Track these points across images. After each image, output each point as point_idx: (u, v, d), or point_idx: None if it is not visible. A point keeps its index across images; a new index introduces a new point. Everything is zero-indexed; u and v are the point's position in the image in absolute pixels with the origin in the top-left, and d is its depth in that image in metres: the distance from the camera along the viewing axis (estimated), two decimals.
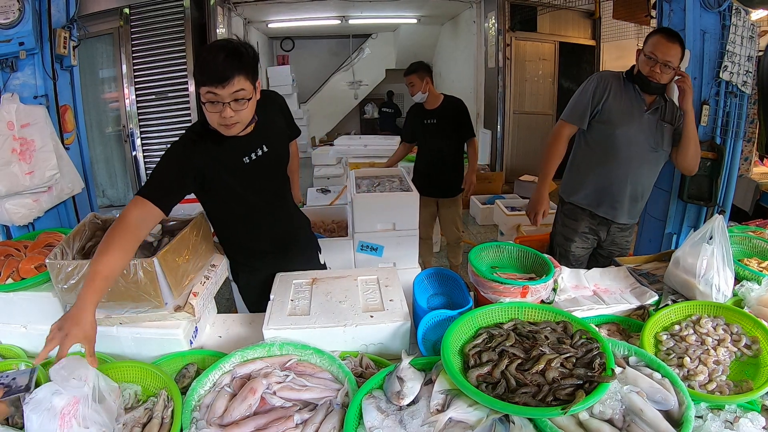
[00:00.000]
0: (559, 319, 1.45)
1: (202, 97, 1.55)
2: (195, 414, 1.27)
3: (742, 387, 1.34)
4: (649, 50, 2.29)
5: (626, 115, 2.40)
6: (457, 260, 4.43)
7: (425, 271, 2.02)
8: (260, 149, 1.79)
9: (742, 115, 2.82)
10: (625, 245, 2.67)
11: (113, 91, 6.35)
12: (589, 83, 2.47)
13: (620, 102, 2.41)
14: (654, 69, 2.28)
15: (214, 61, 1.51)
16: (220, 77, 1.50)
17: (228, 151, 1.72)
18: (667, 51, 2.25)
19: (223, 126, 1.59)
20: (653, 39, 2.30)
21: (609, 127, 2.42)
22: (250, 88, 1.57)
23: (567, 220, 2.66)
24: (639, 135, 2.40)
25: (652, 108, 2.41)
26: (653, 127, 2.41)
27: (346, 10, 8.82)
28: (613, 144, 2.43)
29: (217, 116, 1.57)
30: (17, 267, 1.62)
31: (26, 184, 2.49)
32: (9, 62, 2.61)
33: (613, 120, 2.41)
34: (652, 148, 2.43)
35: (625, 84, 2.43)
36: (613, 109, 2.41)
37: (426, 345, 1.59)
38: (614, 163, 2.45)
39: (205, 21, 6.61)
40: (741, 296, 1.72)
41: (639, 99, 2.40)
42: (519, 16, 7.28)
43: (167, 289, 1.49)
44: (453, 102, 3.95)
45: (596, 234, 2.62)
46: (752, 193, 4.43)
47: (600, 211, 2.55)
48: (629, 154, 2.43)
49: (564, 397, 1.13)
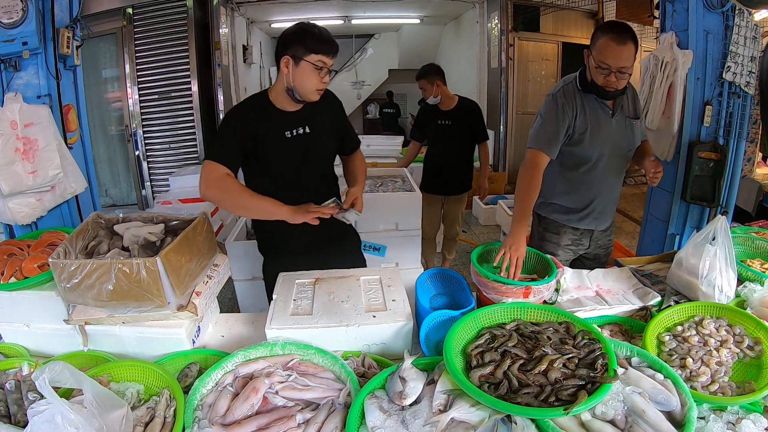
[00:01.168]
0: (562, 320, 1.45)
1: (310, 63, 1.83)
2: (197, 413, 1.27)
3: (745, 388, 1.34)
4: (600, 59, 2.03)
5: (595, 130, 2.19)
6: (450, 254, 4.52)
7: (428, 271, 2.02)
8: (302, 128, 1.98)
9: (745, 115, 2.81)
10: (609, 244, 2.54)
11: (116, 91, 6.37)
12: (558, 109, 2.18)
13: (586, 119, 2.18)
14: (609, 79, 2.05)
15: (328, 36, 1.85)
16: (334, 49, 1.87)
17: (274, 123, 1.94)
18: (618, 57, 2.01)
19: (318, 91, 1.90)
20: (601, 43, 2.03)
21: (584, 149, 2.21)
22: None
23: (548, 234, 2.43)
24: (613, 143, 2.23)
25: (617, 109, 2.22)
26: (623, 129, 2.25)
27: (349, 10, 8.82)
28: (589, 164, 2.24)
29: (317, 81, 1.87)
30: (20, 266, 1.62)
31: (29, 183, 2.50)
32: (12, 62, 2.61)
33: (585, 137, 2.19)
34: (627, 151, 2.31)
35: (583, 94, 2.19)
36: (582, 130, 2.18)
37: (428, 345, 1.59)
38: (597, 182, 2.29)
39: (208, 21, 6.62)
40: (744, 297, 1.71)
41: (602, 106, 2.20)
42: (522, 16, 7.28)
43: (170, 288, 1.49)
44: (468, 104, 3.94)
45: (579, 243, 2.44)
46: (755, 194, 4.43)
47: (582, 225, 2.38)
48: (607, 167, 2.27)
49: (566, 398, 1.13)
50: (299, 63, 1.83)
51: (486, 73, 7.94)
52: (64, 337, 1.62)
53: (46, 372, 1.10)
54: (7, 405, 1.29)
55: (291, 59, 1.84)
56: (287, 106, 1.96)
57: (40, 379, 1.07)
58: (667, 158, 3.05)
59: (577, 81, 2.21)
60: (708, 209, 2.98)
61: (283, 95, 1.94)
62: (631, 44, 2.01)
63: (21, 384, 1.33)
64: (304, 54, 1.82)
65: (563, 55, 7.62)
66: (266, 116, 1.93)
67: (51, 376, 1.11)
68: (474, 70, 8.43)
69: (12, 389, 1.32)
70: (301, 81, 1.86)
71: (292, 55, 1.84)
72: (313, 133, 2.00)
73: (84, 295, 1.46)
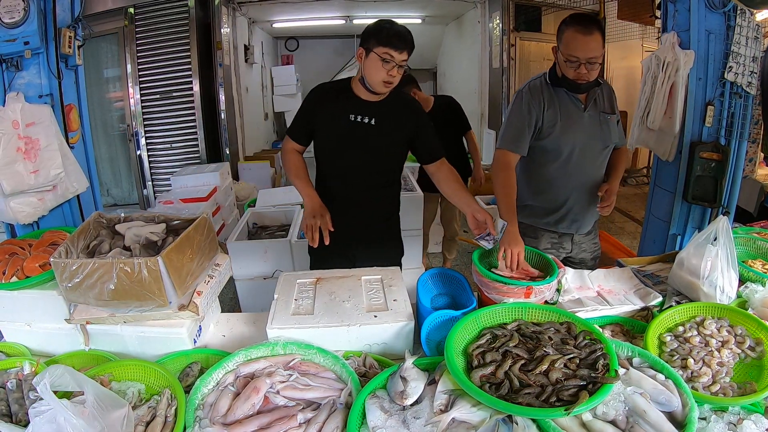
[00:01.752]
0: (563, 320, 1.45)
1: (378, 54, 1.94)
2: (198, 413, 1.27)
3: (746, 389, 1.34)
4: (568, 52, 2.02)
5: (566, 123, 2.16)
6: (451, 254, 4.56)
7: (429, 271, 2.02)
8: (368, 118, 2.10)
9: (747, 116, 2.80)
10: (595, 248, 2.49)
11: (118, 91, 6.38)
12: (522, 104, 2.19)
13: (556, 112, 2.16)
14: (579, 71, 2.04)
15: (401, 32, 1.96)
16: (404, 46, 1.96)
17: (342, 104, 2.10)
18: (586, 47, 1.99)
19: (385, 83, 1.99)
20: (567, 35, 2.03)
21: (554, 143, 2.19)
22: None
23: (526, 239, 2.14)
24: (585, 139, 2.19)
25: (590, 103, 2.19)
26: (597, 124, 2.21)
27: (351, 10, 8.81)
28: (563, 159, 2.22)
29: (384, 73, 1.97)
30: (22, 265, 1.63)
31: (31, 182, 2.50)
32: (14, 61, 2.61)
33: (555, 134, 2.17)
34: (601, 147, 2.25)
35: (554, 89, 2.18)
36: (552, 123, 2.17)
37: (429, 345, 1.59)
38: (567, 177, 2.24)
39: (210, 21, 6.62)
40: (745, 298, 1.71)
41: (573, 100, 2.18)
42: (523, 16, 7.27)
43: (171, 288, 1.49)
44: (445, 101, 4.04)
45: (560, 247, 2.39)
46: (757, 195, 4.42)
47: (561, 228, 2.35)
48: (581, 163, 2.22)
49: (567, 398, 1.13)
50: (369, 54, 1.98)
51: (488, 73, 7.93)
52: (66, 337, 1.62)
53: (46, 377, 1.11)
54: (9, 404, 1.29)
55: (363, 50, 2.01)
56: (363, 93, 2.10)
57: (41, 385, 1.08)
58: (668, 158, 3.05)
59: (547, 76, 2.21)
60: (709, 210, 2.98)
61: (358, 84, 2.10)
62: (598, 33, 2.01)
63: (22, 383, 1.33)
64: (374, 46, 1.95)
65: None
66: (342, 97, 2.11)
67: (52, 380, 1.12)
68: (475, 70, 8.42)
69: (13, 388, 1.32)
70: (369, 71, 2.00)
71: (365, 47, 1.99)
72: (378, 127, 2.10)
73: (85, 295, 1.46)
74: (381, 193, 2.27)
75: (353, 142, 2.11)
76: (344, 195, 2.20)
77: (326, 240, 2.01)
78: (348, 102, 2.09)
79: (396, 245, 2.44)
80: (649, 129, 3.10)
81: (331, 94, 2.12)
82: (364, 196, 2.21)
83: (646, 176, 8.07)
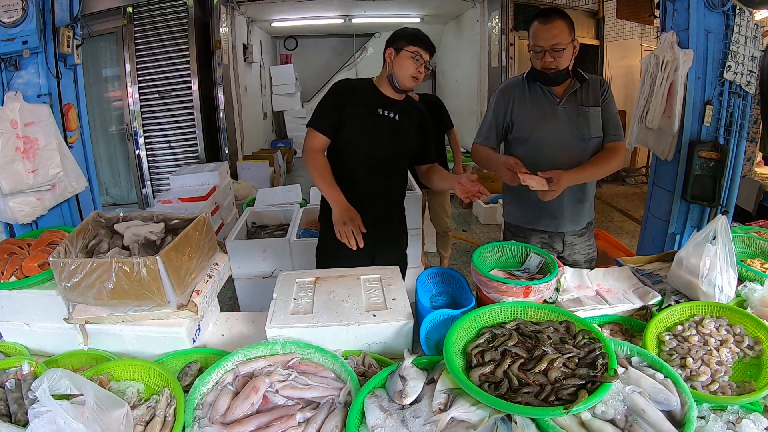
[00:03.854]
0: (562, 319, 1.45)
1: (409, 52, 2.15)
2: (197, 412, 1.27)
3: (745, 388, 1.34)
4: (533, 43, 2.14)
5: (537, 117, 2.25)
6: (446, 251, 4.60)
7: (428, 270, 2.02)
8: (393, 113, 2.27)
9: (746, 115, 2.80)
10: (589, 249, 2.48)
11: (116, 90, 6.38)
12: (493, 101, 2.37)
13: (526, 107, 2.27)
14: (546, 60, 2.13)
15: (427, 36, 2.19)
16: (430, 47, 2.19)
17: (372, 98, 2.26)
18: (548, 35, 2.10)
19: (413, 77, 2.18)
20: (532, 28, 2.16)
21: (523, 135, 2.29)
22: None
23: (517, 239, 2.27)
24: (559, 132, 2.23)
25: (566, 97, 2.23)
26: (574, 117, 2.24)
27: (350, 9, 8.82)
28: (533, 152, 2.26)
29: (413, 69, 2.16)
30: (21, 265, 1.62)
31: (30, 182, 2.50)
32: (13, 61, 2.61)
33: (525, 127, 2.28)
34: (580, 140, 2.25)
35: (529, 86, 2.29)
36: (521, 117, 2.28)
37: (429, 344, 1.59)
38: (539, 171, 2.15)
39: (209, 20, 6.62)
40: (744, 297, 1.71)
41: (548, 95, 2.25)
42: (522, 15, 7.27)
43: (170, 287, 1.49)
44: (428, 100, 4.11)
45: (551, 247, 2.41)
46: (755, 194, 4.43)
47: (542, 226, 2.38)
48: (554, 157, 2.23)
49: (566, 397, 1.13)
50: (400, 52, 2.17)
51: (486, 72, 7.94)
52: (65, 336, 1.62)
53: (45, 381, 1.11)
54: (8, 404, 1.29)
55: (393, 50, 2.20)
56: (387, 91, 2.28)
57: (40, 390, 1.07)
58: (667, 158, 3.05)
59: (525, 74, 2.33)
60: (708, 209, 2.98)
61: (385, 82, 2.27)
62: (560, 21, 2.09)
63: (21, 383, 1.33)
64: (405, 45, 2.16)
65: None
66: (367, 92, 2.27)
67: (51, 384, 1.12)
68: (474, 69, 8.43)
69: (12, 388, 1.32)
70: (399, 67, 2.18)
71: (395, 47, 2.19)
72: (400, 122, 2.29)
73: (84, 294, 1.46)
74: (397, 183, 2.46)
75: (382, 134, 2.27)
76: (366, 183, 2.31)
77: (360, 243, 2.08)
78: (375, 97, 2.26)
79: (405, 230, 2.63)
80: (647, 128, 3.10)
81: (360, 89, 2.26)
82: (385, 185, 2.39)
83: (645, 175, 8.08)
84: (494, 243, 1.97)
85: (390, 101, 2.28)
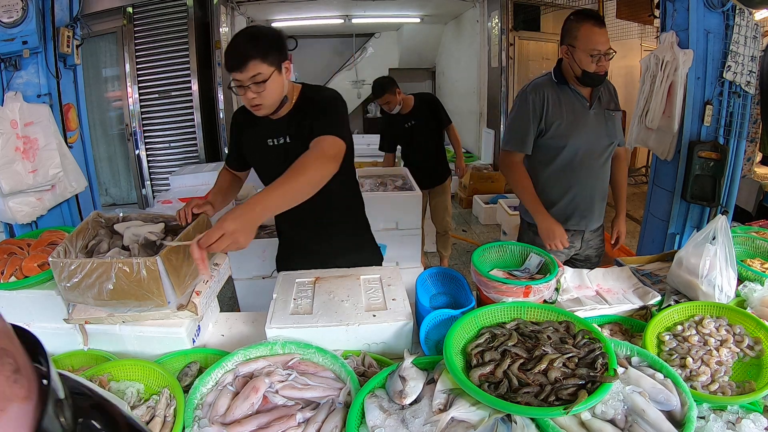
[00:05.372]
0: (562, 319, 1.45)
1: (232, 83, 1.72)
2: (197, 412, 1.27)
3: (745, 388, 1.34)
4: (590, 47, 2.10)
5: (573, 121, 2.22)
6: (446, 251, 4.61)
7: (428, 270, 2.02)
8: (284, 138, 1.87)
9: (746, 115, 2.81)
10: (600, 245, 2.55)
11: (116, 90, 6.37)
12: (524, 103, 2.25)
13: (561, 110, 2.22)
14: (601, 63, 2.13)
15: (232, 48, 1.68)
16: (236, 63, 1.65)
17: (259, 130, 1.90)
18: (604, 38, 2.12)
19: (252, 107, 1.76)
20: (584, 30, 2.11)
21: (560, 140, 2.24)
22: (269, 71, 1.68)
23: (538, 239, 2.35)
24: (592, 136, 2.25)
25: (594, 100, 2.25)
26: (602, 121, 2.27)
27: (350, 9, 8.80)
28: (569, 156, 2.26)
29: (244, 99, 1.73)
30: (20, 265, 1.62)
31: (30, 182, 2.50)
32: (13, 61, 2.62)
33: (561, 132, 2.22)
34: (607, 144, 2.30)
35: (559, 87, 2.25)
36: (557, 121, 2.22)
37: (428, 344, 1.59)
38: (576, 174, 2.29)
39: (209, 20, 6.61)
40: (744, 297, 1.71)
41: (579, 98, 2.25)
42: (522, 15, 7.27)
43: (170, 287, 1.49)
44: (425, 99, 4.15)
45: (572, 246, 2.43)
46: (755, 194, 4.43)
47: (570, 225, 2.38)
48: (588, 160, 2.27)
49: (566, 397, 1.13)
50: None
51: (486, 73, 7.94)
52: (64, 336, 1.62)
53: None
54: None
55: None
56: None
57: None
58: (667, 157, 3.05)
59: (552, 75, 2.28)
60: (708, 209, 2.98)
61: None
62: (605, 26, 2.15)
63: None
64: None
65: None
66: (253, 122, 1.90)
67: None
68: (474, 69, 8.43)
69: None
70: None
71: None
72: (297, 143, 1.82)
73: (84, 294, 1.46)
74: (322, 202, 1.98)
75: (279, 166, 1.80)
76: None
77: None
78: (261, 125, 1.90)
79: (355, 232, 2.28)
80: (647, 128, 3.10)
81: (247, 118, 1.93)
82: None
83: (645, 175, 8.08)
84: (494, 243, 1.97)
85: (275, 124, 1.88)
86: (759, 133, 4.46)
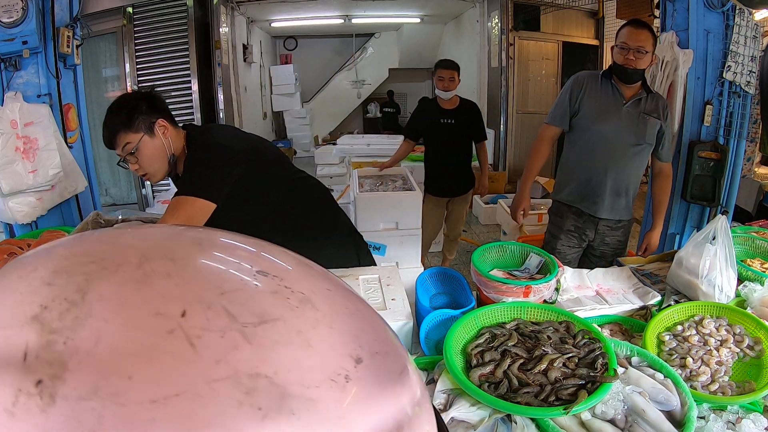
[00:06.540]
0: (562, 319, 1.45)
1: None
2: None
3: (745, 388, 1.34)
4: (621, 41, 2.35)
5: (602, 111, 2.44)
6: (451, 254, 4.51)
7: (428, 270, 2.02)
8: None
9: (746, 115, 2.81)
10: (619, 245, 2.63)
11: (116, 90, 6.36)
12: (567, 86, 2.56)
13: (595, 99, 2.46)
14: (628, 57, 2.32)
15: (103, 125, 1.62)
16: (107, 140, 1.62)
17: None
18: (637, 37, 2.30)
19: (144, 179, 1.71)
20: (623, 31, 2.37)
21: (587, 123, 2.48)
22: (136, 137, 1.60)
23: (554, 218, 2.68)
24: (618, 129, 2.42)
25: (632, 101, 2.42)
26: (634, 121, 2.42)
27: (350, 9, 8.82)
28: (591, 140, 2.47)
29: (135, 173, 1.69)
30: None
31: (29, 182, 2.50)
32: (12, 61, 2.61)
33: (589, 116, 2.46)
34: (634, 142, 2.45)
35: (601, 81, 2.48)
36: (588, 107, 2.47)
37: (428, 344, 1.59)
38: (594, 158, 2.48)
39: (208, 20, 6.62)
40: (744, 297, 1.71)
41: (616, 94, 2.44)
42: (522, 15, 7.27)
43: None
44: (469, 104, 3.97)
45: (583, 233, 2.60)
46: (755, 194, 4.43)
47: (583, 206, 2.56)
48: (609, 149, 2.45)
49: (566, 397, 1.13)
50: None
51: (486, 73, 7.94)
52: None
53: None
54: None
55: None
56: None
57: None
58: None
59: (602, 72, 2.51)
60: (708, 209, 2.98)
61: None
62: (648, 32, 2.33)
63: None
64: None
65: (564, 54, 7.60)
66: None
67: None
68: (474, 69, 8.43)
69: None
70: None
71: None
72: None
73: None
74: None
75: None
76: None
77: None
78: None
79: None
80: None
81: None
82: None
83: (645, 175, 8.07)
84: (494, 243, 1.97)
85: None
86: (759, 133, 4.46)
